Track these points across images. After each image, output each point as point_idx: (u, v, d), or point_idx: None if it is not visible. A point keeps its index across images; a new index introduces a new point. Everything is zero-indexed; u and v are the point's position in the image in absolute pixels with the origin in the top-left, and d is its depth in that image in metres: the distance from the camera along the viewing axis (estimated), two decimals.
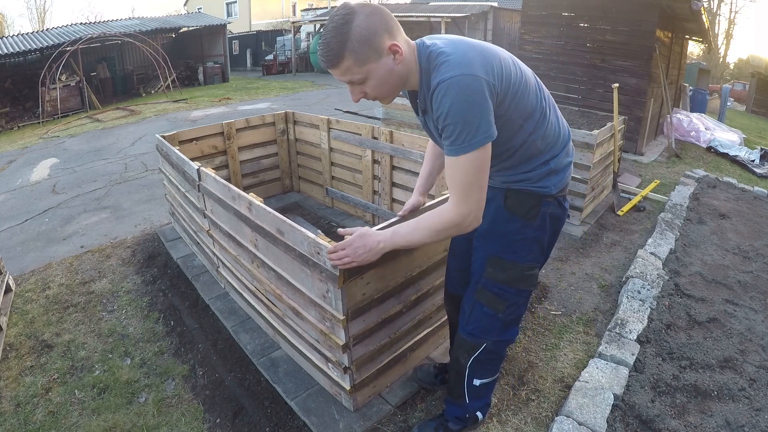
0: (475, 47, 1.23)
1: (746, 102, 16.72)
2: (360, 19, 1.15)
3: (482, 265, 1.47)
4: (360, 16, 1.15)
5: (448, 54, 1.20)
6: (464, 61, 1.18)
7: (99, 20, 17.23)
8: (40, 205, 4.55)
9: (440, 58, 1.20)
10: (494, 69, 1.20)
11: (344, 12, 1.16)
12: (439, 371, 2.00)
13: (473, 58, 1.19)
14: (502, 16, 16.36)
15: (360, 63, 1.18)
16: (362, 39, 1.15)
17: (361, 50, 1.16)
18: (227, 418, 1.94)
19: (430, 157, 1.78)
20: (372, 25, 1.16)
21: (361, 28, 1.15)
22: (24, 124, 10.84)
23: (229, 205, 2.18)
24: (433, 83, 1.19)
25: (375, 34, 1.17)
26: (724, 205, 4.32)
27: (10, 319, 2.60)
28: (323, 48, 1.18)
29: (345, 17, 1.15)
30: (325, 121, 3.69)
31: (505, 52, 1.33)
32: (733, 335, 2.40)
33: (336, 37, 1.15)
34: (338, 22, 1.15)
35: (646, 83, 5.89)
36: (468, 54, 1.19)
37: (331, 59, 1.18)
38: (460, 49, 1.21)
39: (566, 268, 3.11)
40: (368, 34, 1.16)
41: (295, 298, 1.89)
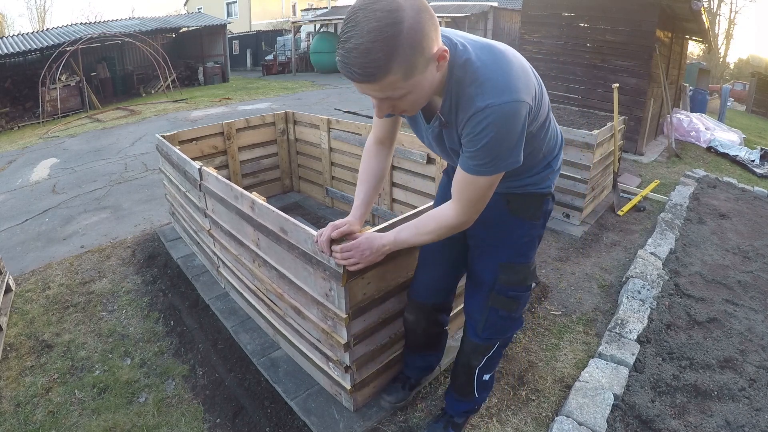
0: (515, 62, 1.07)
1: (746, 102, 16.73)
2: (410, 17, 0.88)
3: (494, 273, 1.46)
4: (410, 12, 0.88)
5: (490, 70, 1.03)
6: (510, 82, 1.03)
7: (99, 20, 17.23)
8: (40, 205, 4.55)
9: (481, 73, 1.03)
10: (534, 89, 1.10)
11: (389, 6, 0.87)
12: (403, 383, 1.94)
13: (518, 78, 1.04)
14: (502, 16, 16.37)
15: (408, 76, 0.94)
16: (414, 45, 0.90)
17: (412, 60, 0.91)
18: (227, 418, 1.94)
19: (372, 179, 1.49)
20: (424, 25, 0.91)
21: (414, 31, 0.89)
22: (24, 124, 10.84)
23: (231, 204, 2.18)
24: (478, 105, 1.02)
25: (426, 37, 0.92)
26: (724, 205, 4.32)
27: (10, 319, 2.60)
28: (359, 56, 0.88)
29: (392, 14, 0.86)
30: (325, 121, 3.69)
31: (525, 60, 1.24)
32: (733, 335, 2.40)
33: (380, 42, 0.87)
34: (383, 20, 0.86)
35: (646, 83, 5.89)
36: (512, 72, 1.04)
37: (371, 73, 0.90)
38: (503, 64, 1.05)
39: (566, 268, 3.11)
40: (421, 38, 0.91)
41: (297, 296, 1.89)
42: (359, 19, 0.88)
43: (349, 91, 12.43)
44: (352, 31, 0.88)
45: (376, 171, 1.49)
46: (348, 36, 0.89)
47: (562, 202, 3.75)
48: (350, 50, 0.89)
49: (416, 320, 1.75)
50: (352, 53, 0.89)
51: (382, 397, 1.91)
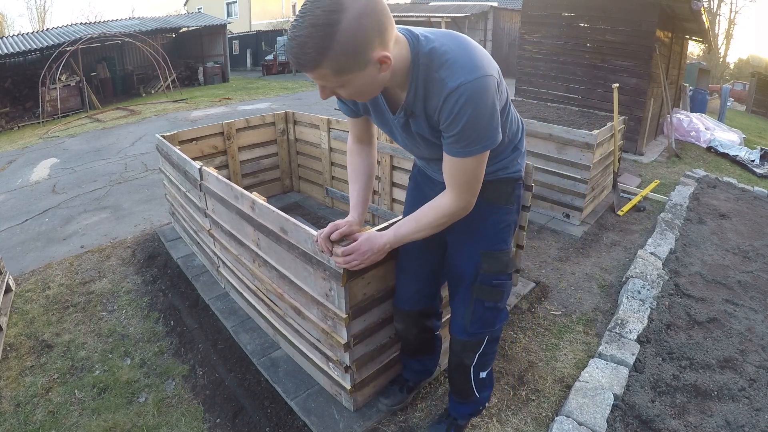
0: (477, 45, 1.13)
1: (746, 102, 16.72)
2: (349, 21, 0.92)
3: (475, 263, 1.47)
4: (350, 15, 0.91)
5: (456, 53, 1.07)
6: (476, 60, 1.07)
7: (99, 20, 17.23)
8: (40, 205, 4.55)
9: (449, 57, 1.07)
10: (496, 68, 1.14)
11: (330, 6, 0.91)
12: (401, 385, 1.94)
13: (483, 56, 1.09)
14: (502, 16, 16.38)
15: (338, 74, 0.99)
16: (348, 49, 0.94)
17: (343, 61, 0.96)
18: (227, 418, 1.94)
19: (362, 176, 1.55)
20: (362, 31, 0.94)
21: (349, 34, 0.93)
22: (24, 124, 10.84)
23: (231, 204, 2.18)
24: (450, 86, 1.06)
25: (364, 44, 0.96)
26: (724, 205, 4.32)
27: (10, 319, 2.60)
28: (296, 47, 0.95)
29: (330, 15, 0.91)
30: (325, 121, 3.69)
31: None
32: (733, 335, 2.40)
33: (314, 38, 0.92)
34: (321, 18, 0.91)
35: (646, 83, 5.89)
36: (476, 52, 1.09)
37: (304, 63, 0.97)
38: (466, 46, 1.09)
39: (566, 268, 3.11)
40: (356, 44, 0.95)
41: (297, 296, 1.89)
42: (305, 11, 0.94)
43: None
44: (297, 22, 0.95)
45: (364, 168, 1.55)
46: (293, 25, 0.96)
47: (562, 202, 3.75)
48: (291, 39, 0.96)
49: (405, 328, 1.75)
50: (292, 42, 0.96)
51: (379, 400, 1.90)
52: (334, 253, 1.41)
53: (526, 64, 6.93)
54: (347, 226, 1.42)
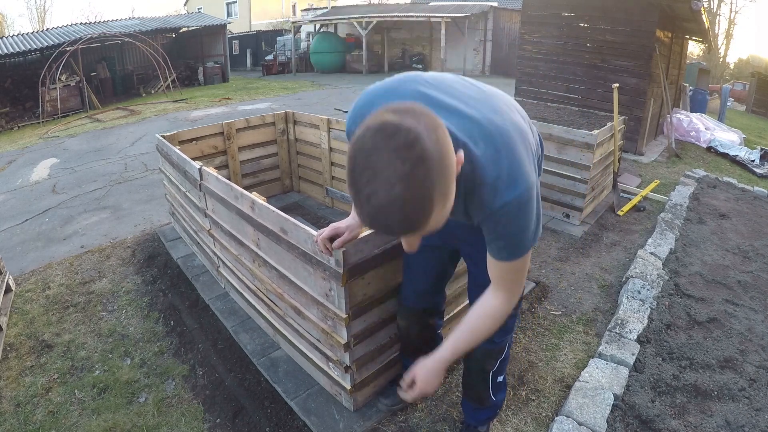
0: (515, 139, 1.00)
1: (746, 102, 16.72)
2: (432, 141, 0.73)
3: None
4: (428, 134, 0.73)
5: (497, 166, 0.96)
6: (519, 172, 0.98)
7: (99, 20, 17.24)
8: (40, 205, 4.55)
9: (489, 172, 0.96)
10: (533, 154, 1.07)
11: (408, 139, 0.71)
12: None
13: (522, 160, 0.99)
14: (502, 16, 16.37)
15: (446, 203, 0.80)
16: (446, 171, 0.76)
17: (447, 187, 0.78)
18: (227, 418, 1.94)
19: None
20: (444, 141, 0.77)
21: (441, 155, 0.74)
22: (24, 124, 10.84)
23: (231, 204, 2.18)
24: (493, 207, 0.99)
25: (451, 153, 0.78)
26: (724, 205, 4.32)
27: (10, 319, 2.60)
28: (398, 212, 0.73)
29: (415, 150, 0.71)
30: (325, 121, 3.69)
31: (520, 111, 1.17)
32: (733, 335, 2.40)
33: (416, 188, 0.72)
34: (409, 160, 0.71)
35: (646, 83, 5.89)
36: (516, 158, 0.98)
37: (414, 225, 0.77)
38: (507, 153, 0.98)
39: (566, 268, 3.11)
40: (449, 160, 0.77)
41: (297, 296, 1.89)
42: (378, 165, 0.72)
43: (349, 91, 12.44)
44: (375, 182, 0.72)
45: None
46: (371, 190, 0.73)
47: (562, 202, 3.75)
48: (383, 206, 0.73)
49: (408, 325, 1.75)
50: (387, 209, 0.73)
51: (378, 400, 1.91)
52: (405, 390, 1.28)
53: (526, 64, 6.93)
54: (348, 232, 1.41)
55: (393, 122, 0.73)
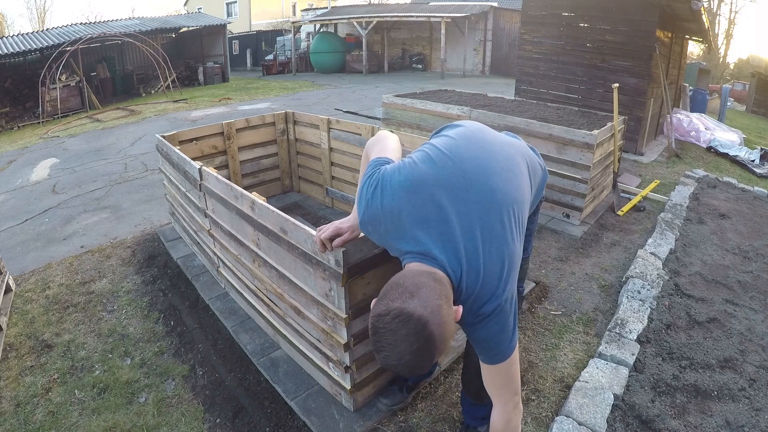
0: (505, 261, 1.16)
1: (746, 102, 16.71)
2: (436, 324, 0.97)
3: None
4: (432, 318, 0.97)
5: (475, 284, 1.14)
6: (493, 289, 1.14)
7: (99, 20, 17.24)
8: (40, 205, 4.55)
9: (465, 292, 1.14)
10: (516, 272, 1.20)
11: (416, 328, 0.95)
12: (401, 386, 1.94)
13: (499, 277, 1.15)
14: (502, 16, 16.38)
15: (443, 353, 1.08)
16: (446, 338, 1.00)
17: (445, 347, 1.03)
18: (227, 418, 1.94)
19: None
20: (446, 318, 1.00)
21: (442, 330, 0.98)
22: (24, 124, 10.84)
23: (231, 204, 2.18)
24: (467, 320, 1.18)
25: (451, 324, 1.02)
26: (724, 205, 4.32)
27: (10, 319, 2.60)
28: (408, 368, 1.00)
29: (422, 334, 0.95)
30: (325, 121, 3.69)
31: (525, 155, 1.38)
32: (733, 335, 2.40)
33: (423, 358, 0.98)
34: (417, 342, 0.96)
35: (646, 83, 5.88)
36: (493, 278, 1.14)
37: (420, 372, 1.04)
38: (485, 275, 1.14)
39: (566, 268, 3.11)
40: (449, 332, 1.01)
41: (297, 297, 1.89)
42: (393, 342, 0.96)
43: (349, 91, 12.44)
44: (391, 352, 0.97)
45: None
46: (388, 354, 0.98)
47: (562, 202, 3.75)
48: (395, 365, 0.99)
49: None
50: (398, 367, 1.00)
51: (378, 400, 1.91)
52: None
53: (526, 64, 6.93)
54: (350, 232, 1.43)
55: (406, 312, 0.96)
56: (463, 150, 1.25)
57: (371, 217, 1.22)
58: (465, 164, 1.21)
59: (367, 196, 1.22)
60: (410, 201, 1.17)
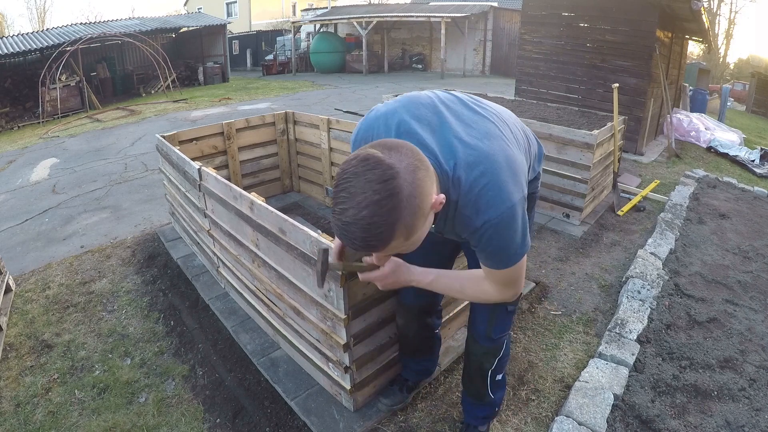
0: (501, 161, 1.06)
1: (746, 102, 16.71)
2: (408, 183, 0.85)
3: None
4: (406, 176, 0.85)
5: (481, 187, 1.03)
6: (502, 193, 1.04)
7: (99, 20, 17.24)
8: (40, 205, 4.55)
9: (473, 195, 1.04)
10: (524, 177, 1.14)
11: (385, 175, 0.83)
12: (401, 385, 1.94)
13: (507, 181, 1.05)
14: (502, 16, 16.37)
15: (410, 235, 0.91)
16: (415, 210, 0.87)
17: (413, 222, 0.89)
18: (227, 418, 1.94)
19: None
20: (422, 185, 0.88)
21: (413, 196, 0.86)
22: (24, 124, 10.84)
23: (230, 204, 2.18)
24: (475, 225, 1.07)
25: (426, 197, 0.90)
26: (724, 205, 4.32)
27: (10, 319, 2.60)
28: (360, 230, 0.85)
29: (389, 184, 0.83)
30: (325, 121, 3.69)
31: (516, 124, 1.29)
32: (733, 335, 2.40)
33: (381, 215, 0.83)
34: (380, 192, 0.83)
35: (646, 83, 5.88)
36: (501, 180, 1.04)
37: (374, 245, 0.89)
38: (492, 176, 1.04)
39: (566, 268, 3.11)
40: (420, 201, 0.88)
41: (297, 297, 1.89)
42: (354, 189, 0.84)
43: (349, 91, 12.44)
44: (348, 202, 0.84)
45: None
46: (344, 207, 0.85)
47: (562, 202, 3.75)
48: (349, 224, 0.85)
49: (406, 323, 1.76)
50: (351, 227, 0.85)
51: (379, 400, 1.91)
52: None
53: (526, 64, 6.93)
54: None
55: (377, 156, 0.85)
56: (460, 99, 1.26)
57: (367, 125, 1.16)
58: (462, 98, 1.23)
59: (363, 118, 1.21)
60: (406, 106, 1.14)
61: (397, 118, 1.12)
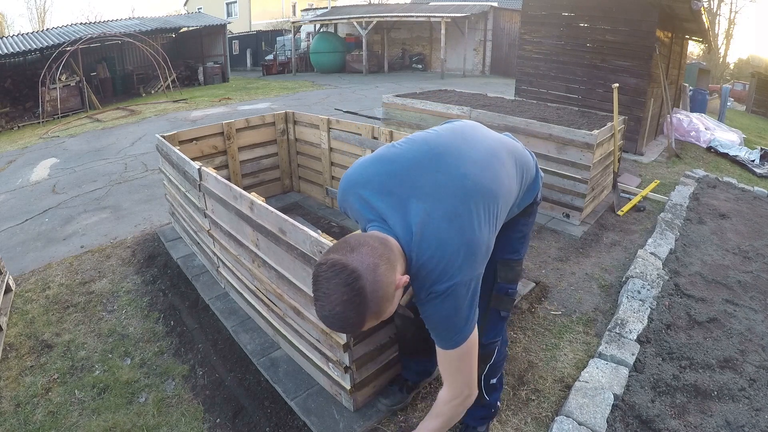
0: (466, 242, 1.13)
1: (746, 102, 16.71)
2: (370, 281, 0.98)
3: (491, 272, 1.47)
4: (367, 276, 0.98)
5: (430, 262, 1.12)
6: (449, 267, 1.12)
7: (99, 20, 17.24)
8: (40, 205, 4.55)
9: (420, 269, 1.13)
10: (482, 256, 1.17)
11: (347, 280, 0.97)
12: (401, 385, 1.95)
13: (461, 262, 1.12)
14: (502, 16, 16.37)
15: (380, 316, 1.06)
16: (380, 299, 1.01)
17: (381, 307, 1.03)
18: (227, 418, 1.94)
19: None
20: (383, 280, 1.01)
21: (375, 290, 0.99)
22: (24, 124, 10.84)
23: (230, 204, 2.18)
24: (419, 297, 1.17)
25: (389, 286, 1.03)
26: (724, 205, 4.32)
27: (10, 319, 2.60)
28: (338, 321, 1.01)
29: (353, 287, 0.97)
30: (325, 121, 3.69)
31: (510, 156, 1.35)
32: (733, 335, 2.40)
33: (350, 310, 0.99)
34: (346, 293, 0.97)
35: (646, 83, 5.88)
36: (451, 255, 1.11)
37: (350, 330, 1.08)
38: (442, 251, 1.11)
39: (566, 268, 3.11)
40: (385, 292, 1.02)
41: (297, 297, 1.89)
42: (326, 290, 0.99)
43: (349, 91, 12.44)
44: (324, 300, 1.00)
45: None
46: (322, 304, 1.01)
47: (562, 202, 3.75)
48: (327, 317, 1.01)
49: (404, 325, 1.76)
50: (329, 319, 1.01)
51: (378, 400, 1.91)
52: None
53: (526, 64, 6.93)
54: None
55: (341, 262, 0.98)
56: (443, 139, 1.28)
57: (342, 196, 1.27)
58: (439, 148, 1.24)
59: (347, 171, 1.29)
60: (379, 173, 1.21)
61: (366, 192, 1.20)
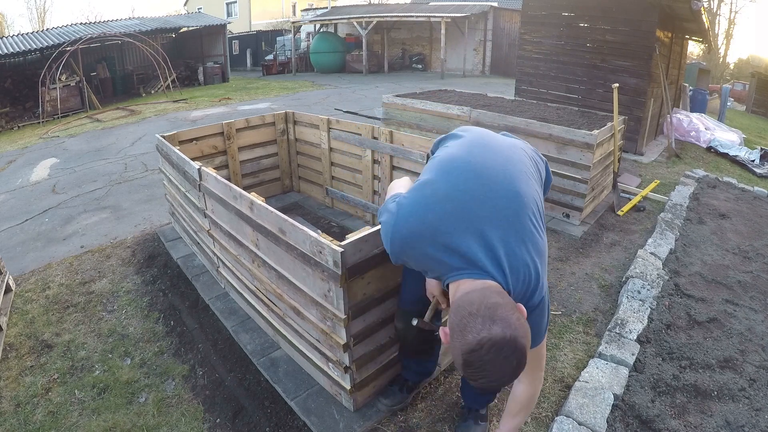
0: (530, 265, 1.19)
1: (746, 102, 16.71)
2: (522, 335, 1.03)
3: None
4: (519, 331, 1.03)
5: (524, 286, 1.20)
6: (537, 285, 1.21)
7: (99, 20, 17.23)
8: (40, 205, 4.55)
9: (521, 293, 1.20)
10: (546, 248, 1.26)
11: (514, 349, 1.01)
12: (401, 386, 1.95)
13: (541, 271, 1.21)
14: (502, 16, 16.37)
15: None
16: (530, 342, 1.09)
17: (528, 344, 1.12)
18: (227, 418, 1.94)
19: None
20: (524, 322, 1.07)
21: (526, 335, 1.06)
22: (24, 124, 10.83)
23: (230, 204, 2.18)
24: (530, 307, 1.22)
25: (526, 324, 1.09)
26: (724, 205, 4.32)
27: (10, 319, 2.60)
28: (508, 382, 1.08)
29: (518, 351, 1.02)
30: (325, 121, 3.69)
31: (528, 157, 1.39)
32: (733, 335, 2.40)
33: (520, 367, 1.04)
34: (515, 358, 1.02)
35: (646, 83, 5.88)
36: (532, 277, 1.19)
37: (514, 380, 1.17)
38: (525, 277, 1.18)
39: (566, 268, 3.11)
40: (527, 331, 1.09)
41: (296, 297, 1.89)
42: (495, 368, 1.01)
43: (349, 91, 12.43)
44: (493, 376, 1.02)
45: None
46: (490, 380, 1.03)
47: (562, 202, 3.75)
48: (497, 386, 1.06)
49: (405, 328, 1.75)
50: (499, 384, 1.06)
51: (378, 400, 1.91)
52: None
53: (526, 64, 6.93)
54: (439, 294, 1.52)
55: (499, 337, 0.99)
56: (478, 158, 1.27)
57: (408, 243, 1.24)
58: (482, 171, 1.24)
59: (394, 223, 1.25)
60: (441, 219, 1.19)
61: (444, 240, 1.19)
